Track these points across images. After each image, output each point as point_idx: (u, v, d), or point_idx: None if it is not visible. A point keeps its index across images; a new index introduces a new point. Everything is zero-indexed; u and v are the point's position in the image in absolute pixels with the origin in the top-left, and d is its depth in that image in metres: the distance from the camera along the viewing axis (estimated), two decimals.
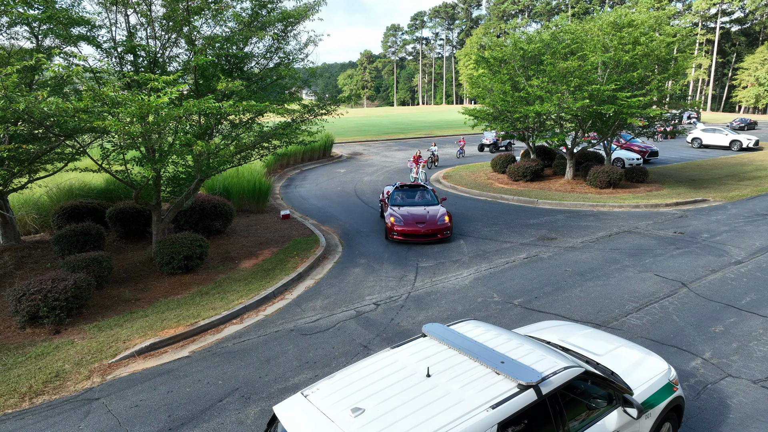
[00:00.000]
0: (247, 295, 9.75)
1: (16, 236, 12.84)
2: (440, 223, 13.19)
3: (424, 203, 14.51)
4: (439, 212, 13.63)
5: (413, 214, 13.52)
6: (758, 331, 8.20)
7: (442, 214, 13.51)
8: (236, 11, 10.98)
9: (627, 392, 4.71)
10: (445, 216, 13.43)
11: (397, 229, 13.11)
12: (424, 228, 13.05)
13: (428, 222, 13.17)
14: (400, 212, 13.67)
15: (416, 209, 13.89)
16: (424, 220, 13.25)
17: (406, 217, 13.37)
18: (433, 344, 4.80)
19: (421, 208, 14.03)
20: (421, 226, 13.06)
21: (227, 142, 11.28)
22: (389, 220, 13.39)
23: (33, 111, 7.93)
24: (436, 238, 13.15)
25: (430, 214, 13.50)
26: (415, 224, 13.08)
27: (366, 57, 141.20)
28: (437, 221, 13.24)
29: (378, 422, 3.69)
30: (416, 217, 13.34)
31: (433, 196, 14.92)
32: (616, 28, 18.35)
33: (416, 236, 13.03)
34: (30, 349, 7.78)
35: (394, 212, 13.68)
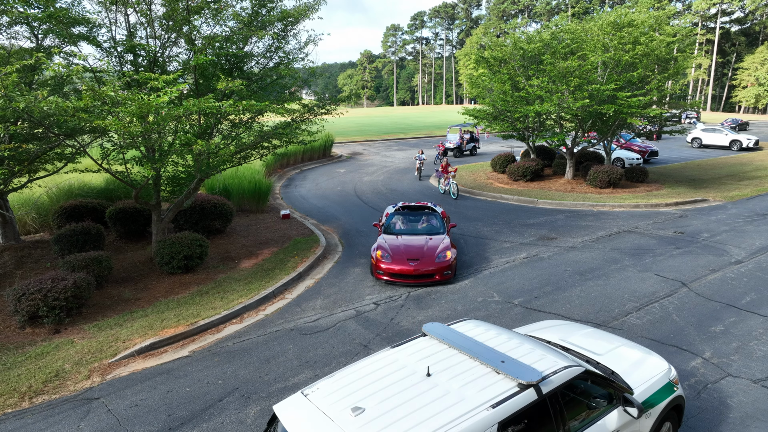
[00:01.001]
0: (247, 294, 9.75)
1: (15, 236, 12.83)
2: (439, 261, 10.32)
3: (426, 231, 11.65)
4: (440, 245, 10.74)
5: (407, 246, 10.80)
6: (758, 330, 8.20)
7: (443, 249, 10.63)
8: (236, 11, 10.98)
9: (627, 391, 4.71)
10: (447, 251, 10.53)
11: (383, 266, 10.33)
12: (416, 266, 10.20)
13: (423, 259, 10.36)
14: (391, 243, 10.91)
15: (413, 240, 11.14)
16: (418, 255, 10.43)
17: (397, 250, 10.59)
18: (433, 344, 4.79)
19: (421, 238, 11.21)
20: (414, 264, 10.23)
21: (227, 141, 11.28)
22: (375, 253, 10.70)
23: (33, 110, 7.93)
24: (433, 279, 10.29)
25: (428, 247, 10.68)
26: (406, 261, 10.29)
27: (366, 57, 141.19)
28: (435, 258, 10.37)
29: (378, 421, 3.69)
30: (409, 251, 10.56)
31: (440, 221, 11.92)
32: (616, 28, 18.34)
33: (406, 277, 10.23)
34: (30, 349, 7.78)
35: (384, 243, 10.94)
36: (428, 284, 10.31)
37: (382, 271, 10.46)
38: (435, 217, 12.13)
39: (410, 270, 10.21)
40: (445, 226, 11.82)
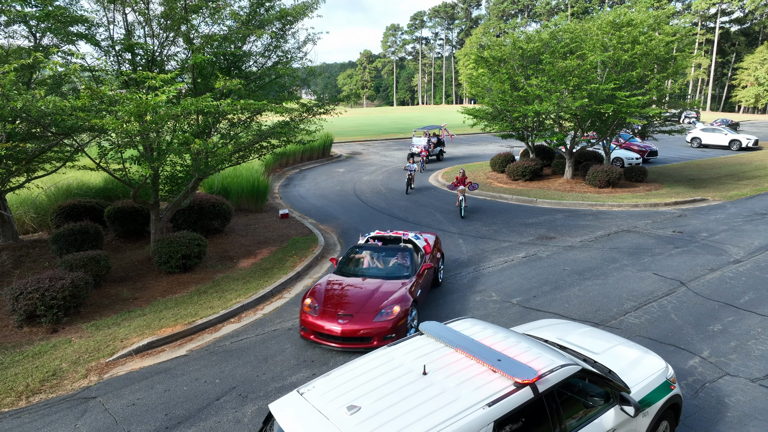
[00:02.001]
0: (245, 294, 9.74)
1: (14, 235, 12.83)
2: (378, 320, 7.49)
3: (386, 274, 8.76)
4: (391, 296, 7.91)
5: (348, 294, 8.11)
6: (756, 329, 8.19)
7: (393, 301, 7.78)
8: (234, 10, 10.97)
9: (624, 390, 4.70)
10: (396, 306, 7.68)
11: (309, 320, 7.72)
12: (345, 325, 7.45)
13: (359, 315, 7.59)
14: (328, 289, 8.27)
15: (363, 285, 8.39)
16: (355, 309, 7.71)
17: (330, 300, 7.94)
18: (430, 342, 4.79)
19: (374, 283, 8.41)
20: (344, 322, 7.48)
21: (225, 141, 11.27)
22: (305, 301, 8.03)
23: (30, 109, 7.91)
24: (370, 345, 7.41)
25: (374, 298, 7.92)
26: (336, 317, 7.57)
27: (366, 57, 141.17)
28: (374, 315, 7.56)
29: (374, 420, 3.68)
30: (346, 302, 7.88)
31: (411, 261, 8.96)
32: (615, 28, 18.34)
33: (332, 339, 7.56)
34: (27, 348, 7.77)
35: (319, 287, 8.31)
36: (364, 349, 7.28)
37: (307, 328, 7.77)
38: (407, 254, 9.10)
39: (337, 331, 7.41)
40: (415, 267, 8.87)
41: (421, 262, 9.27)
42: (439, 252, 10.40)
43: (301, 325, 7.94)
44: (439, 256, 10.35)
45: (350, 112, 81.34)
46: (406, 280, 8.50)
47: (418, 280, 8.70)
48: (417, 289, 8.46)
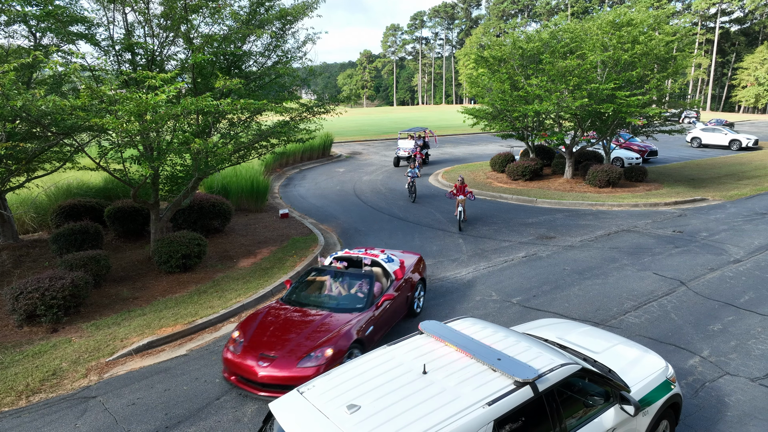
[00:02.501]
0: (245, 293, 9.73)
1: (14, 235, 12.83)
2: (303, 367, 6.19)
3: (336, 305, 7.53)
4: (330, 334, 6.66)
5: (281, 329, 6.88)
6: (756, 329, 8.19)
7: (327, 342, 6.47)
8: (234, 9, 10.97)
9: (624, 389, 4.70)
10: (328, 348, 6.36)
11: (228, 358, 6.62)
12: (267, 369, 6.23)
13: (282, 357, 6.33)
14: (263, 321, 7.11)
15: (305, 317, 7.17)
16: (281, 349, 6.45)
17: (259, 335, 6.77)
18: (430, 341, 4.79)
19: (319, 315, 7.18)
20: (266, 365, 6.27)
21: (225, 140, 11.27)
22: (233, 334, 6.94)
23: (30, 109, 7.92)
24: None
25: (306, 338, 6.62)
26: (256, 358, 6.37)
27: (366, 57, 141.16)
28: (299, 359, 6.27)
29: (374, 419, 3.68)
30: (275, 340, 6.64)
31: (370, 289, 7.62)
32: (615, 27, 18.34)
33: (251, 384, 6.39)
34: (27, 348, 7.77)
35: (252, 321, 7.16)
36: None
37: (228, 369, 6.65)
38: (367, 282, 7.76)
39: (255, 375, 6.23)
40: (373, 298, 7.54)
41: (388, 289, 7.97)
42: (419, 275, 8.99)
43: (223, 363, 6.74)
44: (418, 279, 8.85)
45: (350, 112, 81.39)
46: (359, 314, 7.20)
47: (374, 313, 7.35)
48: (368, 326, 7.07)
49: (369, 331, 7.10)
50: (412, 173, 18.60)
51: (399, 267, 8.60)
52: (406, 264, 8.94)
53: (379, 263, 8.63)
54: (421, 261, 9.52)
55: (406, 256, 9.46)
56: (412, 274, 8.82)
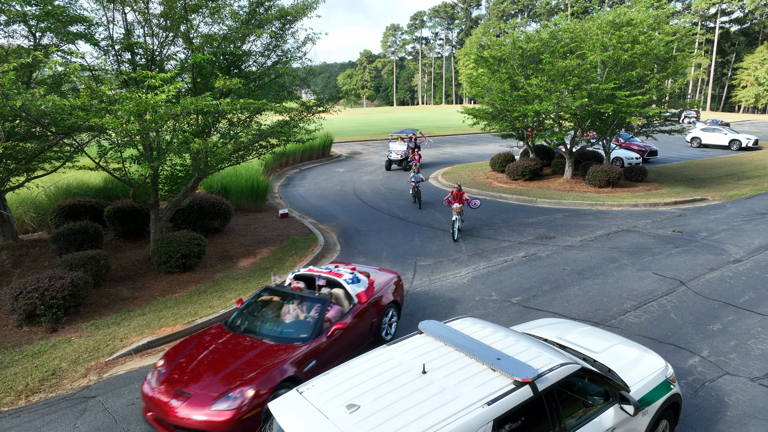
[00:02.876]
0: (245, 293, 9.72)
1: (14, 235, 12.82)
2: (218, 409, 5.32)
3: (278, 333, 6.58)
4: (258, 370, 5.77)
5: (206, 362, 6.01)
6: (756, 329, 8.19)
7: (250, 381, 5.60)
8: (234, 9, 10.97)
9: (624, 389, 4.70)
10: (250, 390, 5.48)
11: (144, 391, 5.83)
12: (177, 408, 5.40)
13: (199, 396, 5.48)
14: (193, 348, 6.34)
15: (239, 346, 6.29)
16: (201, 386, 5.62)
17: (183, 367, 5.95)
18: (429, 341, 4.78)
19: (257, 344, 6.30)
20: (176, 405, 5.43)
21: (225, 140, 11.27)
22: (157, 362, 6.23)
23: (30, 108, 7.91)
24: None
25: (229, 373, 5.76)
26: (171, 394, 5.57)
27: (366, 57, 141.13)
28: (214, 401, 5.40)
29: (373, 418, 3.68)
30: (196, 374, 5.80)
31: (319, 317, 6.64)
32: (615, 27, 18.33)
33: (164, 426, 5.54)
34: (27, 348, 7.77)
35: (185, 344, 6.48)
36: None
37: (145, 403, 5.82)
38: (318, 307, 6.75)
39: (168, 413, 5.41)
40: (321, 327, 6.55)
41: (345, 316, 6.98)
42: (393, 297, 8.03)
43: (141, 396, 5.90)
44: (389, 302, 7.86)
45: (350, 112, 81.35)
46: (301, 346, 6.20)
47: (320, 345, 6.36)
48: (309, 360, 6.11)
49: (310, 367, 6.08)
50: (416, 178, 17.27)
51: (365, 289, 7.57)
52: (377, 285, 7.94)
53: (341, 284, 7.55)
54: (398, 282, 8.49)
55: (380, 274, 8.45)
56: (381, 297, 7.80)
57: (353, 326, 7.06)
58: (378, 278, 8.22)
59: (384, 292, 7.97)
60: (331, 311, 7.03)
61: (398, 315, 8.34)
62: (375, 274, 8.41)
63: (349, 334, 6.96)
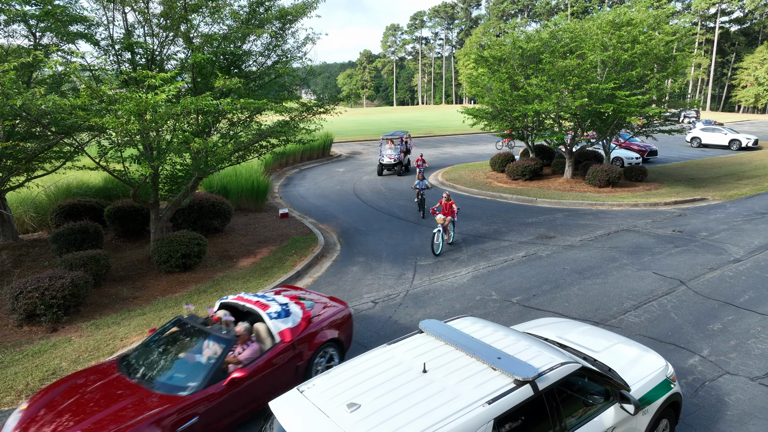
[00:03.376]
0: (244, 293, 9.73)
1: (14, 234, 12.82)
2: None
3: (166, 379, 5.55)
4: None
5: (66, 412, 5.12)
6: (756, 328, 8.19)
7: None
8: (234, 9, 10.98)
9: (624, 388, 4.70)
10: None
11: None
12: None
13: None
14: (66, 390, 5.48)
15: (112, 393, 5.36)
16: None
17: (29, 420, 5.11)
18: (430, 340, 4.79)
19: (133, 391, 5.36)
20: None
21: (225, 140, 11.27)
22: (21, 405, 5.51)
23: (30, 108, 7.91)
24: None
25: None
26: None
27: (365, 57, 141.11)
28: None
29: (374, 417, 3.68)
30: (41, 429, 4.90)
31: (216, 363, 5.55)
32: (615, 27, 18.34)
33: None
34: (27, 347, 7.77)
35: (46, 396, 5.46)
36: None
37: None
38: (218, 349, 5.69)
39: None
40: (215, 374, 5.44)
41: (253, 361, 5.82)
42: (336, 333, 6.79)
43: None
44: (325, 341, 6.59)
45: (350, 112, 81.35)
46: (184, 396, 5.21)
47: (211, 396, 5.32)
48: (189, 417, 5.11)
49: (189, 425, 5.07)
50: (420, 185, 15.89)
51: (293, 325, 6.33)
52: (315, 319, 6.73)
53: (263, 319, 6.33)
54: (346, 317, 7.11)
55: (323, 306, 7.15)
56: (316, 334, 6.56)
57: (267, 371, 5.86)
58: (319, 311, 6.96)
59: (322, 328, 6.70)
60: (246, 351, 5.88)
61: (341, 356, 6.92)
62: (318, 305, 7.14)
63: (259, 382, 5.78)
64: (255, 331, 6.37)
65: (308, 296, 7.50)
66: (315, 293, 7.85)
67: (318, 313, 6.92)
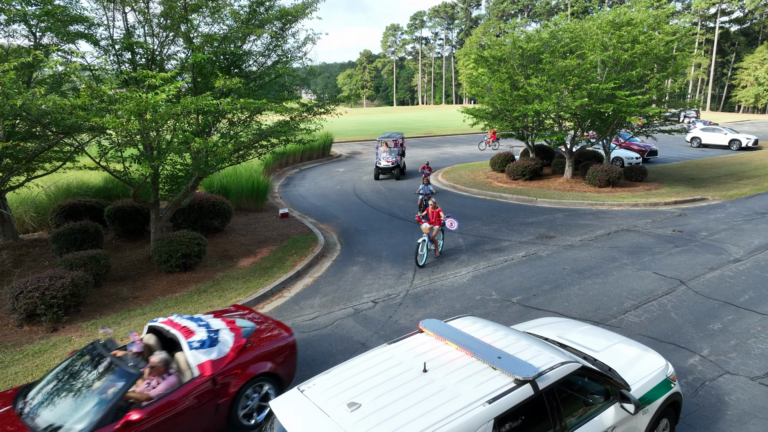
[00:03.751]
0: (245, 293, 9.74)
1: (14, 234, 12.82)
2: None
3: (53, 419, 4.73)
4: None
5: None
6: (756, 328, 8.19)
7: None
8: (234, 9, 10.98)
9: (624, 388, 4.70)
10: None
11: None
12: None
13: None
14: None
15: None
16: None
17: None
18: (430, 340, 4.79)
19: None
20: None
21: (225, 140, 11.28)
22: None
23: (30, 108, 7.91)
24: None
25: None
26: None
27: (365, 57, 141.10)
28: None
29: (374, 417, 3.68)
30: None
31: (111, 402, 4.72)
32: (615, 27, 18.34)
33: None
34: (27, 347, 7.77)
35: None
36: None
37: None
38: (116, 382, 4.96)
39: None
40: (106, 414, 4.67)
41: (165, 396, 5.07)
42: (271, 366, 5.99)
43: None
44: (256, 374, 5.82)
45: (350, 112, 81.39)
46: None
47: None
48: None
49: None
50: (425, 190, 15.02)
51: (217, 357, 5.52)
52: (249, 349, 5.91)
53: (183, 348, 5.52)
54: (287, 346, 6.28)
55: (266, 335, 6.31)
56: (246, 367, 5.76)
57: (177, 410, 5.06)
58: (256, 340, 6.15)
59: (257, 359, 5.87)
60: (161, 386, 5.16)
61: (276, 393, 6.06)
62: (259, 332, 6.35)
63: (168, 423, 5.01)
64: (177, 362, 5.61)
65: (250, 321, 6.63)
66: (263, 316, 6.97)
67: (254, 342, 6.08)
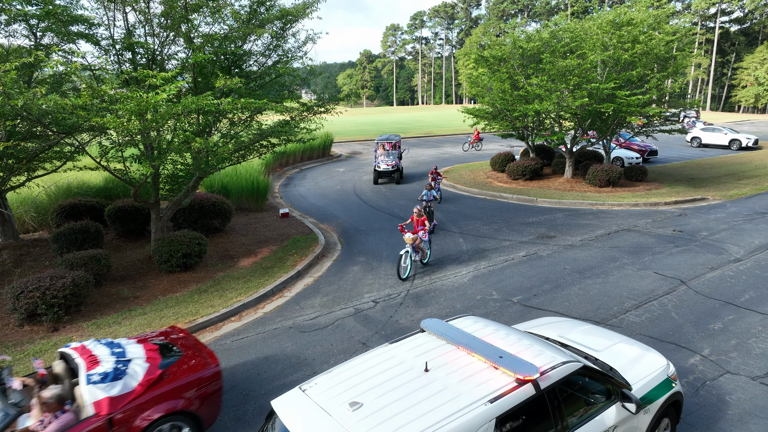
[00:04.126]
0: (245, 293, 9.74)
1: (14, 234, 12.82)
2: None
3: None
4: None
5: None
6: (757, 328, 8.20)
7: None
8: (234, 9, 10.98)
9: (625, 387, 4.70)
10: None
11: None
12: None
13: None
14: None
15: None
16: None
17: None
18: (432, 339, 4.79)
19: None
20: None
21: (226, 140, 11.28)
22: None
23: (31, 108, 7.92)
24: None
25: None
26: None
27: (366, 57, 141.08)
28: None
29: (376, 416, 3.68)
30: None
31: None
32: (615, 27, 18.34)
33: None
34: (28, 347, 7.77)
35: None
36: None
37: None
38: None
39: None
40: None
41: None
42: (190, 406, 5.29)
43: None
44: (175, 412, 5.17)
45: (350, 112, 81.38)
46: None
47: None
48: None
49: None
50: (428, 196, 14.52)
51: (119, 393, 4.88)
52: (164, 383, 5.22)
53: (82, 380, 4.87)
54: (210, 379, 5.53)
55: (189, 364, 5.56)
56: (157, 403, 5.07)
57: None
58: (177, 370, 5.40)
59: (169, 394, 5.16)
60: (53, 425, 4.59)
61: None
62: (181, 362, 5.57)
63: None
64: (77, 397, 4.96)
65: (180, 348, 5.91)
66: (196, 343, 6.17)
67: (173, 373, 5.34)
